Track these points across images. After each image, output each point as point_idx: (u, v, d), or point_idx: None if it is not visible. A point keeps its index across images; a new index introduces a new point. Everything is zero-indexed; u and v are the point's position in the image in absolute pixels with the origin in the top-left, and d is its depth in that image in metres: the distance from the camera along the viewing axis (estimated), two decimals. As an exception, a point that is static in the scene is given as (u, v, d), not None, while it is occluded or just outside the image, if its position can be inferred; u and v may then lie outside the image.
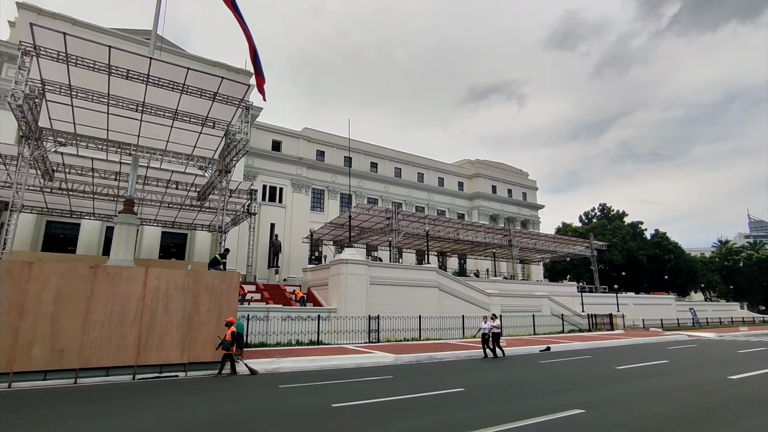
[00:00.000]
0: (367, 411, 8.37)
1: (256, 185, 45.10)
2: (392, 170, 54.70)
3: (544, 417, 7.56)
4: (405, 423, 7.37)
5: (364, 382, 12.08)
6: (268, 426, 7.30)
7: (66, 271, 12.21)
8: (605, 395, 9.74)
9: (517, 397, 9.70)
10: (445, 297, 28.43)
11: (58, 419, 7.89)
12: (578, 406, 8.33)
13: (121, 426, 7.36)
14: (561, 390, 10.57)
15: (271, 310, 21.66)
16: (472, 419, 7.51)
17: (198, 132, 21.96)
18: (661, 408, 8.40)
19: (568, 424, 7.27)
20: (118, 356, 12.25)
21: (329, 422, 7.49)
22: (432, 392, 10.23)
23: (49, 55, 16.17)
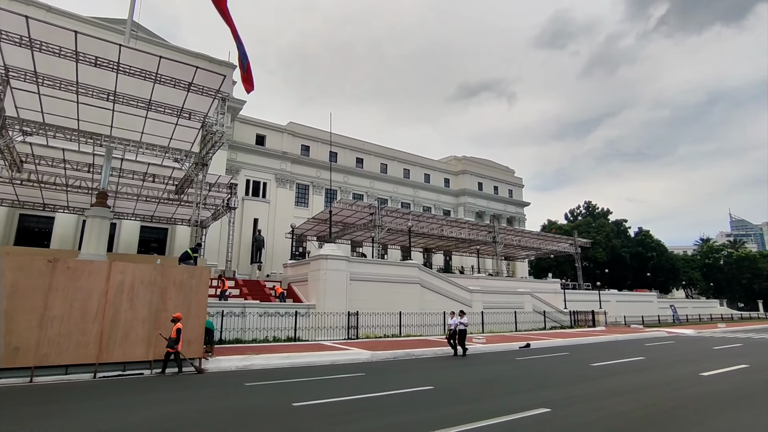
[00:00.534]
0: (328, 410, 8.08)
1: (239, 180, 44.64)
2: (378, 166, 54.35)
3: (508, 416, 7.34)
4: (365, 423, 7.10)
5: (334, 380, 11.79)
6: (218, 428, 6.94)
7: (22, 265, 11.68)
8: (575, 393, 9.57)
9: (485, 395, 9.49)
10: (428, 293, 28.25)
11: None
12: (545, 405, 8.13)
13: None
14: (531, 388, 10.40)
15: (247, 306, 21.25)
16: (435, 419, 7.26)
17: (174, 123, 21.42)
18: (629, 406, 8.25)
19: (532, 424, 7.06)
20: (78, 353, 11.78)
21: (285, 423, 7.17)
22: (401, 390, 9.98)
23: (11, 39, 15.50)
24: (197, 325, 13.52)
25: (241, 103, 41.21)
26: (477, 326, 28.70)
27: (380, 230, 33.54)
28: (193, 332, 13.42)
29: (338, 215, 35.96)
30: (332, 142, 51.00)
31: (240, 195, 44.19)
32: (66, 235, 33.36)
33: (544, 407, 7.92)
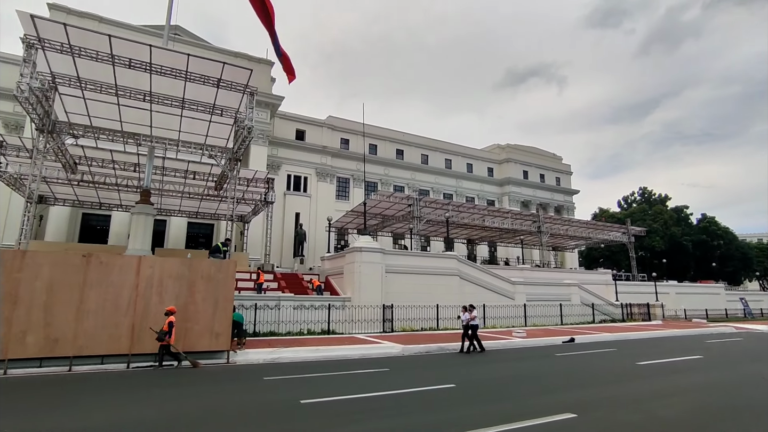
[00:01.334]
0: (336, 409, 7.77)
1: (280, 175, 45.52)
2: (419, 157, 53.56)
3: (525, 422, 6.69)
4: (367, 425, 6.71)
5: (356, 375, 11.52)
6: (213, 425, 6.79)
7: (59, 260, 12.26)
8: (610, 395, 8.70)
9: (508, 396, 8.84)
10: (467, 285, 27.43)
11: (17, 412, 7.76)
12: (571, 409, 7.39)
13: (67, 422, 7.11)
14: (562, 388, 9.61)
15: (282, 299, 21.47)
16: (440, 422, 6.77)
17: (208, 121, 21.89)
18: (670, 411, 7.33)
19: (548, 430, 6.38)
20: (112, 345, 12.24)
21: (285, 422, 6.92)
22: (420, 388, 9.52)
23: (52, 47, 16.32)
24: (224, 318, 13.70)
25: (279, 99, 41.77)
26: (519, 319, 27.59)
27: (419, 221, 32.97)
28: (221, 325, 13.61)
29: (377, 207, 35.75)
30: (372, 135, 50.91)
31: (281, 190, 45.13)
32: (121, 232, 35.31)
33: (570, 412, 7.19)
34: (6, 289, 11.48)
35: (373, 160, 50.31)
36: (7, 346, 11.27)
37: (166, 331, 12.28)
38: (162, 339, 12.25)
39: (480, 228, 40.00)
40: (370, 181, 49.95)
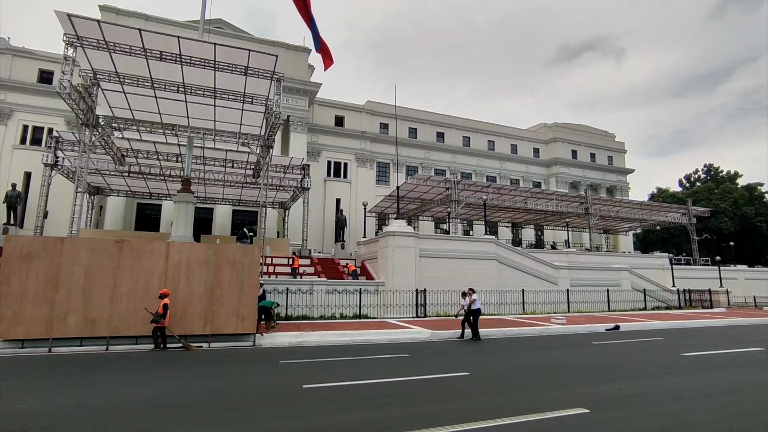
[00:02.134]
0: (337, 395, 7.64)
1: (320, 161, 45.99)
2: (460, 139, 52.25)
3: (527, 416, 6.21)
4: (362, 414, 6.49)
5: (374, 360, 11.36)
6: (205, 407, 6.84)
7: (95, 246, 12.94)
8: (635, 390, 7.95)
9: (523, 387, 8.30)
10: (505, 270, 26.54)
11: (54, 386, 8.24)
12: (586, 404, 6.79)
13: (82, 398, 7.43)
14: (585, 381, 8.94)
15: (315, 284, 21.73)
16: (436, 413, 6.42)
17: (240, 109, 22.29)
18: (701, 415, 6.51)
19: (553, 428, 5.88)
20: (144, 327, 12.81)
21: (279, 407, 6.81)
22: (433, 375, 9.21)
23: (90, 44, 17.09)
24: (250, 301, 13.96)
25: (317, 86, 41.92)
26: (561, 305, 26.40)
27: (457, 205, 32.20)
28: (246, 308, 13.89)
29: (414, 192, 35.29)
30: (412, 118, 50.22)
31: (322, 176, 45.65)
32: (171, 220, 37.16)
33: (584, 407, 6.59)
34: (49, 272, 12.27)
35: (412, 144, 49.67)
36: (51, 326, 12.10)
37: (161, 314, 12.37)
38: (156, 321, 12.38)
39: (524, 211, 38.51)
40: (411, 165, 49.41)
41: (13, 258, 12.10)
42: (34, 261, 12.23)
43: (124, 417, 6.19)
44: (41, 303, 12.11)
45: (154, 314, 12.41)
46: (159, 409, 6.63)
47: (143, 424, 5.87)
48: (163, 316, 12.41)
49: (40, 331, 12.05)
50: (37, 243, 12.51)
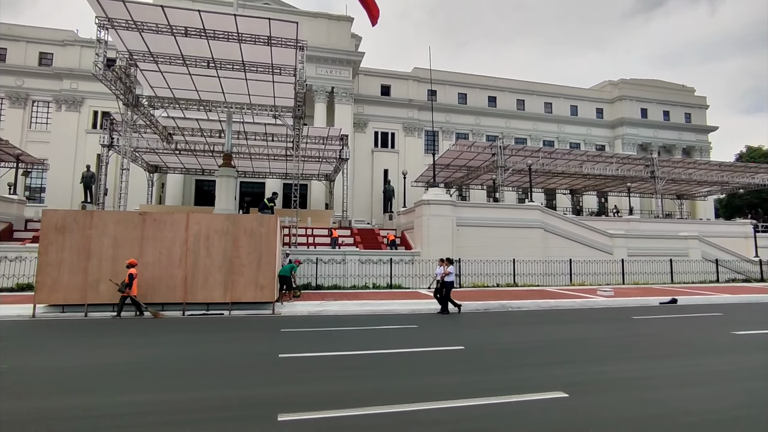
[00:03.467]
0: (308, 365, 7.41)
1: (367, 132, 45.62)
2: (513, 103, 49.25)
3: (498, 398, 5.56)
4: (318, 386, 6.18)
5: (381, 331, 11.05)
6: (163, 374, 6.87)
7: (120, 218, 13.64)
8: (632, 374, 6.82)
9: (510, 364, 7.53)
10: (553, 239, 24.91)
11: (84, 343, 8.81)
12: (571, 387, 5.98)
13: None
14: (588, 359, 7.98)
15: (348, 254, 21.73)
16: (403, 389, 5.97)
17: (271, 81, 22.28)
18: (695, 405, 5.46)
19: (513, 413, 5.21)
20: (168, 294, 13.46)
21: (234, 375, 6.68)
22: (426, 348, 8.71)
23: (119, 25, 17.68)
24: (268, 271, 14.14)
25: (360, 55, 41.14)
26: (615, 276, 24.44)
27: (503, 172, 30.53)
28: (265, 278, 14.09)
29: (460, 159, 33.98)
30: (461, 83, 48.14)
31: (369, 147, 45.35)
32: (225, 194, 38.84)
33: (564, 391, 5.77)
34: (81, 243, 13.16)
35: (462, 110, 47.65)
36: (86, 293, 13.04)
37: (127, 283, 12.58)
38: (122, 290, 12.61)
39: (581, 176, 35.76)
40: (460, 132, 47.58)
41: (50, 231, 13.08)
42: (68, 233, 13.14)
43: (94, 376, 6.39)
44: (76, 271, 13.05)
45: (119, 284, 12.64)
46: (127, 372, 6.79)
47: (94, 385, 6.01)
48: (129, 285, 12.62)
49: (76, 297, 13.03)
50: (70, 216, 13.40)
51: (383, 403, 5.20)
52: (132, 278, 12.66)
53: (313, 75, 39.84)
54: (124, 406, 5.16)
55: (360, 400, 5.35)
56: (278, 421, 4.55)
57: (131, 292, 12.73)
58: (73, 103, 39.20)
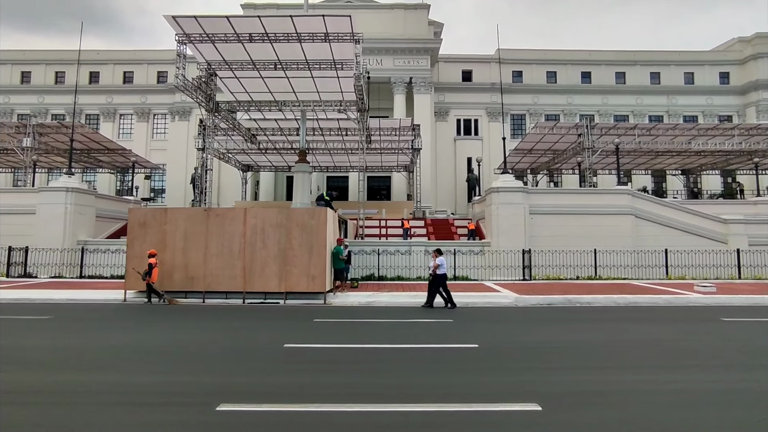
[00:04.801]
0: (310, 357, 7.48)
1: (449, 121, 44.70)
2: (612, 77, 44.34)
3: (471, 406, 5.06)
4: (305, 377, 6.21)
5: (408, 324, 10.74)
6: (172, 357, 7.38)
7: (190, 214, 15.09)
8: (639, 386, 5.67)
9: (520, 367, 6.79)
10: (646, 226, 22.06)
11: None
12: (548, 399, 5.18)
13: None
14: (606, 366, 6.91)
15: (413, 245, 21.55)
16: (381, 387, 5.74)
17: (336, 77, 22.81)
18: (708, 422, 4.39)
19: (488, 419, 4.70)
20: (230, 284, 14.59)
21: (229, 362, 6.98)
22: (437, 345, 8.29)
23: (195, 39, 19.45)
24: (319, 262, 14.58)
25: (437, 41, 40.27)
26: (729, 269, 20.87)
27: (590, 153, 27.75)
28: (316, 268, 14.56)
29: (543, 142, 31.65)
30: (549, 60, 44.82)
31: (451, 136, 44.39)
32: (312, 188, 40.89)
33: (538, 404, 4.98)
34: (158, 238, 14.84)
35: (551, 90, 44.24)
36: (162, 281, 14.68)
37: (147, 272, 13.78)
38: (144, 278, 13.80)
39: (696, 154, 31.05)
40: (549, 113, 44.25)
41: (134, 227, 14.96)
42: (148, 228, 14.91)
43: (108, 356, 7.20)
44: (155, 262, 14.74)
45: (142, 273, 13.97)
46: (146, 354, 7.53)
47: (125, 365, 6.74)
48: (149, 273, 13.82)
49: (156, 284, 14.73)
50: (149, 214, 15.19)
51: (335, 401, 5.04)
52: (151, 267, 14.01)
53: (391, 67, 39.99)
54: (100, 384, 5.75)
55: (315, 396, 5.25)
56: (216, 411, 4.66)
57: (151, 279, 14.08)
58: (184, 114, 44.16)
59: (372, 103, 42.65)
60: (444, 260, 13.74)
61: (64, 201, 21.53)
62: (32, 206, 21.72)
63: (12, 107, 45.39)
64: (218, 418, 4.54)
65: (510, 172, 22.68)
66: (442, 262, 13.53)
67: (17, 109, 45.32)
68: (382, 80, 40.38)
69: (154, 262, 14.14)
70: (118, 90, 44.83)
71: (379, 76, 40.00)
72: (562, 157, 32.46)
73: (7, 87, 45.63)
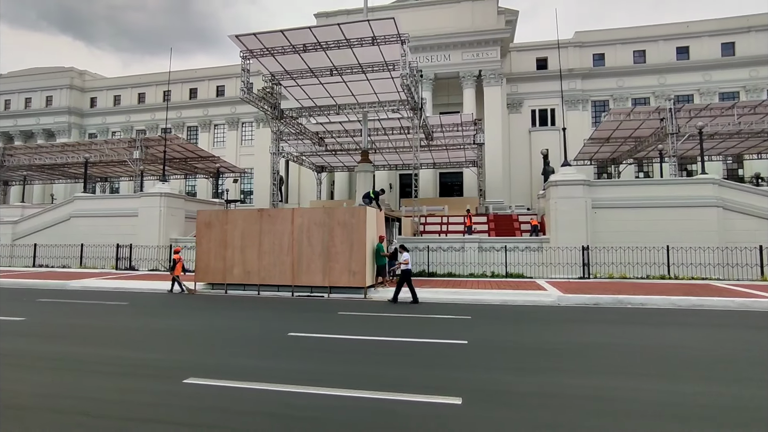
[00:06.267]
0: (312, 345, 8.14)
1: (523, 112, 43.02)
2: (716, 48, 39.15)
3: (402, 395, 5.33)
4: (267, 362, 6.90)
5: (430, 320, 10.94)
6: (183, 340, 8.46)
7: (246, 215, 16.68)
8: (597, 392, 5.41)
9: (481, 365, 6.72)
10: (737, 220, 19.48)
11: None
12: (474, 394, 5.23)
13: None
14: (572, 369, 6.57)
15: (466, 241, 21.34)
16: (350, 375, 6.20)
17: (390, 78, 23.37)
18: None
19: (411, 408, 4.96)
20: (281, 278, 15.90)
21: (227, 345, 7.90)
22: (431, 340, 8.45)
23: (258, 53, 21.25)
24: (359, 258, 15.27)
25: (507, 31, 38.81)
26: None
27: (675, 139, 25.05)
28: (357, 264, 15.28)
29: (622, 130, 29.23)
30: (637, 39, 40.99)
31: (526, 127, 42.69)
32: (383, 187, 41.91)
33: (459, 397, 5.02)
34: (220, 236, 16.65)
35: (639, 71, 40.38)
36: (225, 275, 16.47)
37: (171, 266, 16.34)
38: (169, 271, 16.32)
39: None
40: (637, 97, 40.50)
41: (201, 226, 16.95)
42: (212, 228, 16.79)
43: (140, 334, 8.54)
44: (218, 258, 16.60)
45: (167, 267, 16.13)
46: (161, 335, 8.80)
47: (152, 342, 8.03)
48: (172, 268, 16.26)
49: (220, 278, 16.59)
50: (213, 215, 17.06)
51: (293, 383, 5.61)
52: (175, 262, 16.32)
53: (459, 61, 39.48)
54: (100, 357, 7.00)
55: (278, 377, 5.87)
56: (183, 383, 5.50)
57: (175, 272, 16.23)
58: (265, 121, 47.71)
59: (441, 99, 42.66)
60: (409, 256, 14.11)
61: (158, 204, 24.82)
62: (135, 209, 25.36)
63: (132, 124, 52.82)
64: (184, 389, 5.37)
65: (572, 164, 21.35)
66: (406, 258, 13.96)
67: (135, 125, 52.62)
68: (451, 75, 40.14)
69: (178, 258, 16.34)
70: (213, 103, 49.89)
71: (447, 72, 39.85)
72: (644, 145, 29.62)
73: (128, 107, 53.20)
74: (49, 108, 53.57)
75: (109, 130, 53.32)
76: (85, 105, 54.70)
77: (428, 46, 39.31)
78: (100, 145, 32.74)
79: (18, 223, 28.21)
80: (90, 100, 54.76)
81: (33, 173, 40.73)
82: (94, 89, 54.74)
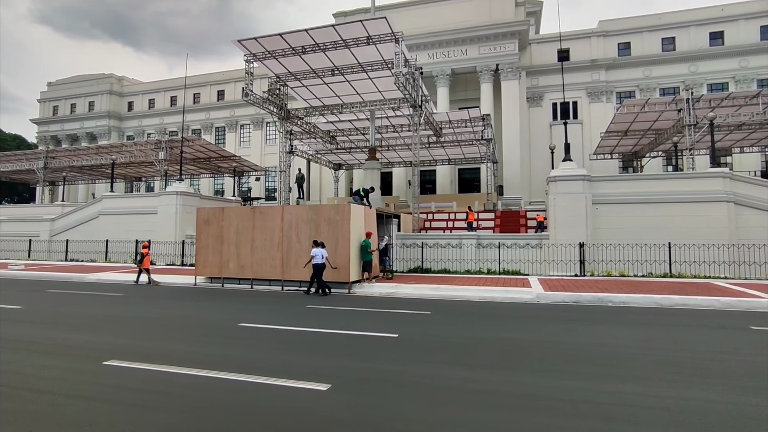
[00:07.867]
0: (260, 336, 8.64)
1: (543, 106, 42.02)
2: (755, 33, 36.74)
3: (277, 380, 5.71)
4: (197, 347, 7.41)
5: (393, 315, 11.21)
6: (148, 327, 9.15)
7: (240, 212, 17.46)
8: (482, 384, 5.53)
9: (394, 356, 6.96)
10: (749, 216, 18.46)
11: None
12: (331, 378, 5.51)
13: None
14: (471, 364, 6.65)
15: (463, 238, 21.28)
16: (258, 361, 6.65)
17: (391, 76, 23.56)
18: None
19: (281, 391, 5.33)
20: (272, 272, 16.57)
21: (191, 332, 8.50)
22: (364, 333, 8.71)
23: (260, 56, 22.03)
24: (343, 253, 15.70)
25: (525, 23, 37.93)
26: None
27: (693, 131, 23.89)
28: (341, 260, 15.71)
29: (640, 122, 28.08)
30: (663, 25, 38.97)
31: (546, 122, 41.67)
32: (398, 184, 42.18)
33: (327, 383, 5.35)
34: (217, 232, 17.52)
35: (668, 59, 38.49)
36: (221, 269, 17.34)
37: (139, 259, 17.61)
38: (137, 263, 17.59)
39: None
40: (666, 87, 38.66)
41: (200, 223, 17.88)
42: (210, 225, 17.69)
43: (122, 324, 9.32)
44: (215, 253, 17.49)
45: (135, 260, 17.25)
46: (125, 322, 9.51)
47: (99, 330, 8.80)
48: (140, 260, 17.49)
49: (216, 272, 17.48)
50: (210, 212, 17.95)
51: (210, 368, 6.10)
52: (142, 256, 17.49)
53: (476, 55, 39.00)
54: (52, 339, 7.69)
55: (202, 362, 6.39)
56: (102, 364, 6.11)
57: (143, 265, 17.31)
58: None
59: (459, 94, 42.30)
60: (318, 252, 14.78)
61: (175, 203, 26.22)
62: (155, 207, 26.90)
63: (165, 126, 55.46)
64: (101, 369, 5.98)
65: (570, 159, 20.73)
66: (316, 253, 14.73)
67: (168, 127, 55.24)
68: (467, 70, 39.76)
69: (146, 252, 17.43)
70: (238, 104, 51.60)
71: (464, 67, 39.47)
72: (663, 137, 28.36)
73: (161, 110, 55.97)
74: (92, 112, 57.20)
75: (145, 132, 56.28)
76: (123, 109, 58.01)
77: (444, 42, 39.13)
78: (130, 147, 34.78)
79: (55, 221, 30.53)
80: (127, 104, 58.02)
81: (75, 174, 43.78)
82: (132, 93, 57.94)
